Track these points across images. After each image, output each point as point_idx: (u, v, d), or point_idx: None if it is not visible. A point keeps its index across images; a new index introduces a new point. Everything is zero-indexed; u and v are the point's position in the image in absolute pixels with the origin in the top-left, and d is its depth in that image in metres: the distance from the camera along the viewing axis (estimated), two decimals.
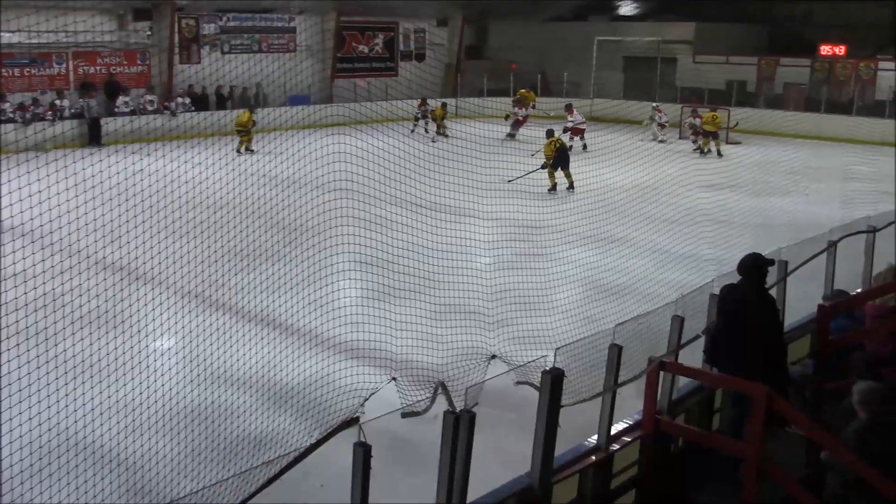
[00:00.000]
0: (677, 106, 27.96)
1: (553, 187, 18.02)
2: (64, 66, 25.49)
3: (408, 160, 10.82)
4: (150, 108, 25.85)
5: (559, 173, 18.09)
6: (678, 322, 6.02)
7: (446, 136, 24.69)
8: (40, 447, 6.05)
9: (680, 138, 26.27)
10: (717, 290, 6.71)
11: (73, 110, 24.39)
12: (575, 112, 24.66)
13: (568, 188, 17.98)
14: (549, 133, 18.76)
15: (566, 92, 30.70)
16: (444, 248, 10.01)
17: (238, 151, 21.59)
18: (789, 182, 19.35)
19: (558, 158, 18.06)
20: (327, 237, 8.92)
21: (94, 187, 7.87)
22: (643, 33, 32.58)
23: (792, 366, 6.47)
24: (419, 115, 26.28)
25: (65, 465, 5.70)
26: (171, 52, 27.30)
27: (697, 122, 25.03)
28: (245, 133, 22.54)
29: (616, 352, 5.40)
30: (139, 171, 9.22)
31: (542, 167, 18.05)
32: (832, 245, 8.20)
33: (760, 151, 23.65)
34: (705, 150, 24.00)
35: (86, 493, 5.56)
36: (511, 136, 25.61)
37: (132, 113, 25.14)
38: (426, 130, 25.60)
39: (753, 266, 6.16)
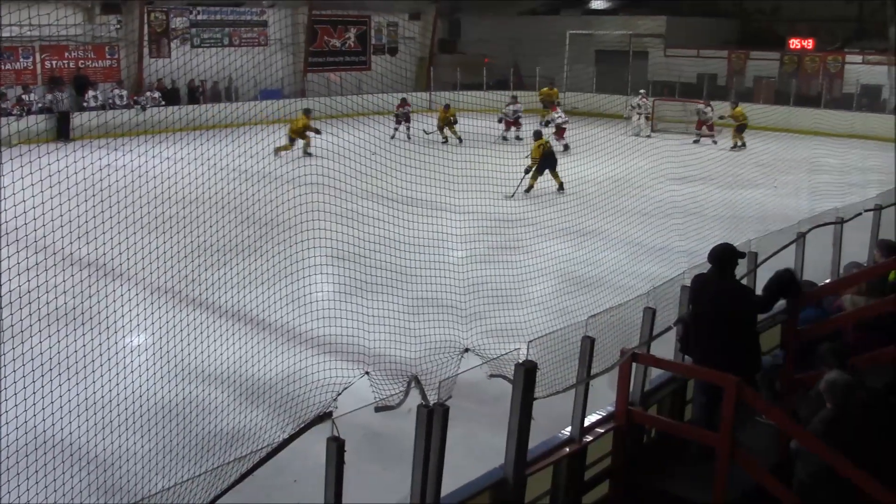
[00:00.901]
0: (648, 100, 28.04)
1: (530, 187, 17.48)
2: (31, 59, 25.12)
3: (381, 154, 10.80)
4: (119, 103, 25.56)
5: (545, 176, 17.62)
6: (650, 314, 6.05)
7: (459, 139, 23.40)
8: (7, 446, 5.98)
9: (654, 131, 26.40)
10: (688, 282, 6.75)
11: (40, 104, 24.08)
12: (559, 109, 24.16)
13: (558, 189, 17.59)
14: (538, 134, 18.14)
15: (538, 85, 30.75)
16: (418, 242, 9.99)
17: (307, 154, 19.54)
18: (759, 174, 19.54)
19: (545, 161, 17.59)
20: (300, 231, 8.87)
21: (62, 182, 7.76)
22: (615, 27, 32.69)
23: (762, 356, 6.53)
24: (400, 118, 24.61)
25: (34, 464, 5.63)
26: (140, 46, 27.01)
27: (709, 111, 24.90)
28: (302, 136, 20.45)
29: (589, 344, 5.43)
30: (108, 165, 9.11)
31: (526, 171, 17.42)
32: (801, 236, 8.29)
33: (731, 144, 23.86)
34: (738, 143, 23.94)
35: (55, 491, 5.50)
36: (566, 147, 22.06)
37: (101, 107, 24.85)
38: (408, 136, 24.00)
39: (722, 256, 6.21)
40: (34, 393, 5.92)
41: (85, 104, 24.93)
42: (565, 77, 31.31)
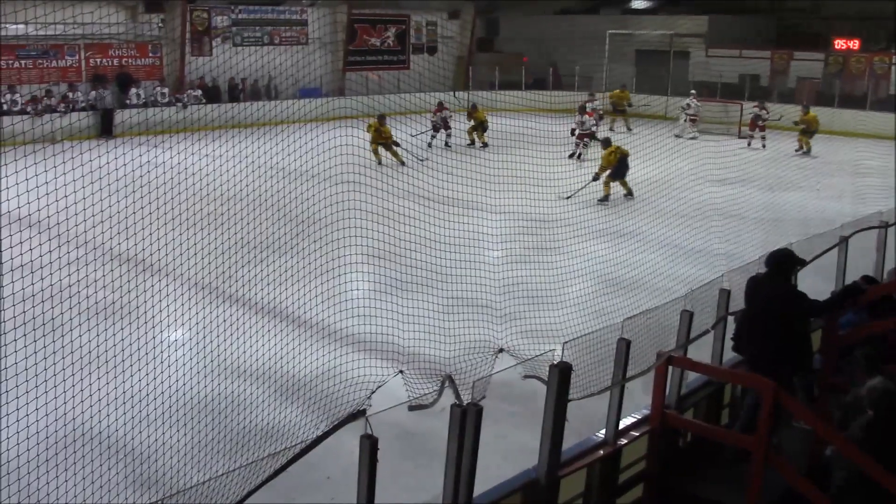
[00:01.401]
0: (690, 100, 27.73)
1: (605, 197, 16.83)
2: (76, 57, 25.56)
3: (417, 153, 10.80)
4: (161, 101, 25.90)
5: (615, 183, 16.97)
6: (687, 317, 5.99)
7: (485, 144, 22.69)
8: (47, 437, 6.07)
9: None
10: (726, 285, 6.68)
11: (84, 102, 24.47)
12: (588, 114, 22.54)
13: (626, 195, 17.07)
14: (607, 142, 17.50)
15: (577, 86, 30.60)
16: (454, 242, 9.98)
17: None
18: (801, 177, 19.23)
19: (619, 168, 16.93)
20: (337, 229, 8.90)
21: (104, 178, 7.88)
22: (655, 26, 32.41)
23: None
24: (437, 125, 23.13)
25: (72, 456, 5.71)
26: (182, 45, 27.33)
27: (764, 114, 24.58)
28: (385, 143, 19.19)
29: (624, 346, 5.38)
30: (149, 162, 9.23)
31: (595, 178, 16.76)
32: (844, 240, 8.15)
33: (772, 146, 23.54)
34: (805, 148, 23.49)
35: (93, 483, 5.57)
36: (572, 155, 21.61)
37: (144, 105, 25.19)
38: (447, 144, 22.55)
39: (780, 260, 6.20)
40: (74, 386, 6.00)
41: (128, 101, 25.31)
42: (605, 77, 31.10)
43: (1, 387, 5.98)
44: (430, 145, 21.74)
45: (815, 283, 7.77)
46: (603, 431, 5.57)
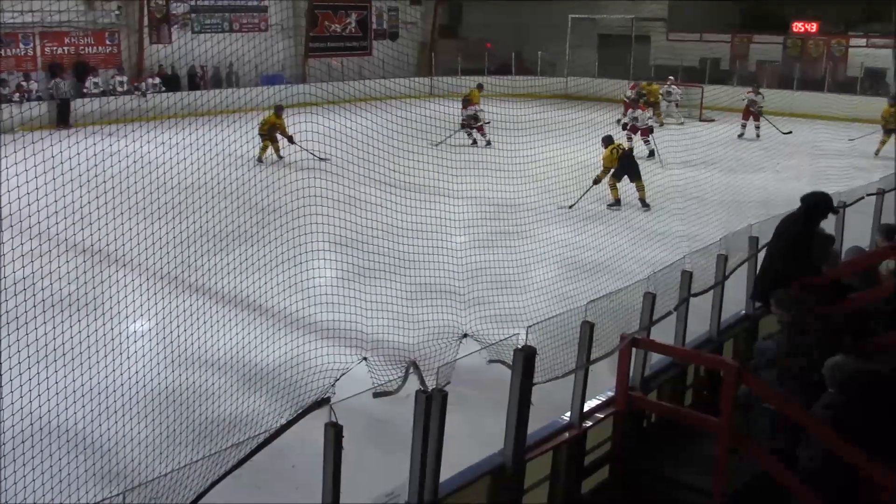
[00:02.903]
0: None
1: (616, 202, 15.27)
2: (31, 46, 25.04)
3: (381, 140, 10.75)
4: (120, 90, 25.49)
5: (623, 184, 15.41)
6: (650, 299, 6.02)
7: (488, 143, 21.06)
8: (3, 432, 5.96)
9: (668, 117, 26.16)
10: (688, 267, 6.73)
11: (40, 92, 24.02)
12: (641, 108, 21.20)
13: (641, 206, 15.11)
14: (608, 140, 15.65)
15: (541, 71, 30.64)
16: (419, 228, 9.96)
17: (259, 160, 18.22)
18: (762, 158, 19.46)
19: (624, 167, 15.25)
20: (299, 217, 8.84)
21: (61, 167, 7.74)
22: (617, 11, 32.52)
23: (763, 341, 6.50)
24: (468, 123, 21.44)
25: (30, 450, 5.62)
26: (140, 32, 26.92)
27: (759, 99, 23.08)
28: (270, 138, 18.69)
29: (588, 329, 5.39)
30: (107, 150, 9.08)
31: (596, 182, 15.26)
32: None
33: (734, 129, 23.76)
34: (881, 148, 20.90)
35: (53, 476, 5.49)
36: (652, 154, 19.41)
37: (102, 94, 24.78)
38: (487, 142, 20.93)
39: (807, 204, 6.38)
40: (30, 379, 5.90)
41: (85, 90, 24.86)
42: (567, 62, 31.18)
43: None
44: (474, 143, 20.96)
45: None
46: (568, 414, 5.59)
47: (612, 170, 15.19)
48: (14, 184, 6.90)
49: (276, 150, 18.57)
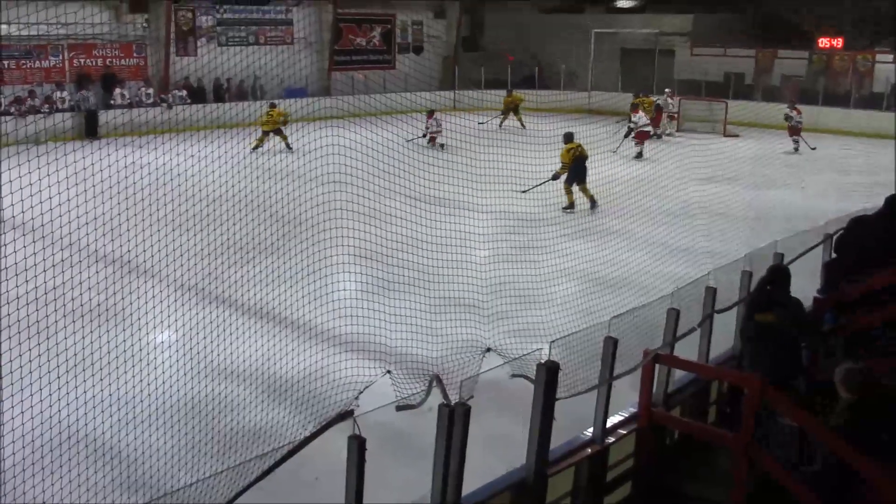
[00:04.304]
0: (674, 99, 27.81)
1: (570, 205, 15.54)
2: (60, 58, 25.40)
3: (405, 153, 10.80)
4: (146, 101, 25.78)
5: (575, 188, 15.69)
6: (673, 315, 6.02)
7: (522, 125, 25.14)
8: (32, 441, 6.03)
9: (679, 130, 26.12)
10: (712, 283, 6.72)
11: (70, 103, 24.34)
12: (640, 112, 22.27)
13: (591, 206, 15.55)
14: (569, 137, 15.84)
15: (563, 84, 30.65)
16: (442, 242, 9.98)
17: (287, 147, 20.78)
18: (786, 174, 19.34)
19: (574, 170, 15.46)
20: (324, 230, 8.90)
21: (89, 179, 7.84)
22: (640, 25, 32.50)
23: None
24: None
25: (58, 459, 5.69)
26: (167, 45, 27.21)
27: (795, 115, 23.10)
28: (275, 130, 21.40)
29: (611, 344, 5.40)
30: (134, 163, 9.20)
31: (554, 177, 15.47)
32: (828, 237, 8.20)
33: (758, 144, 23.64)
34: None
35: (80, 486, 5.55)
36: (639, 156, 21.34)
37: (129, 105, 25.06)
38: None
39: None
40: (59, 389, 5.97)
41: (112, 102, 25.16)
42: (590, 75, 31.16)
43: None
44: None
45: (798, 281, 7.81)
46: (591, 430, 5.59)
47: (567, 169, 15.45)
48: (43, 195, 7.00)
49: (284, 139, 20.87)
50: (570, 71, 31.31)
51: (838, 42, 30.40)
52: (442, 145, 21.37)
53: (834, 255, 6.54)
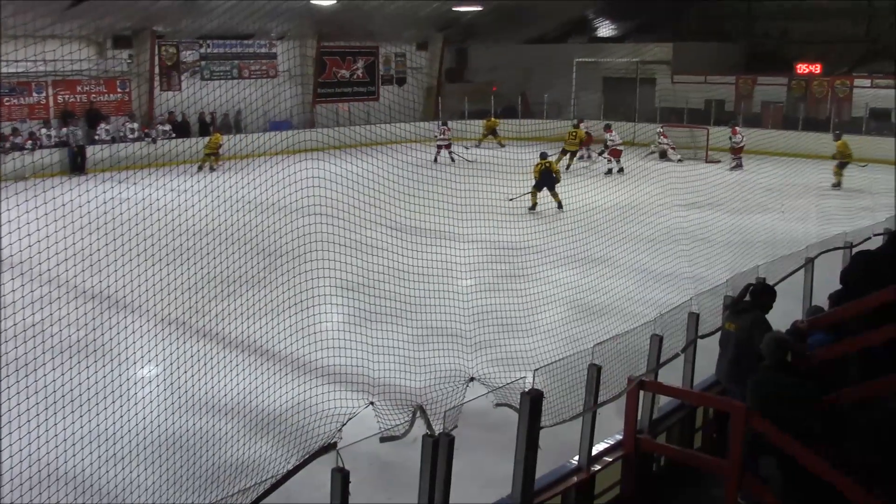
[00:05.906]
0: (656, 126, 28.05)
1: (533, 206, 18.98)
2: (43, 94, 25.40)
3: (387, 184, 10.83)
4: (131, 136, 25.77)
5: (544, 194, 18.98)
6: (657, 341, 6.02)
7: (501, 144, 26.98)
8: (11, 479, 5.95)
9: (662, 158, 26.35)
10: (695, 309, 6.73)
11: (55, 139, 24.30)
12: (613, 132, 25.13)
13: (557, 208, 18.68)
14: (543, 155, 19.51)
15: (546, 113, 30.87)
16: (425, 272, 9.98)
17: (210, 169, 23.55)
18: (768, 199, 19.48)
19: (543, 180, 19.00)
20: (307, 261, 8.87)
21: (70, 214, 7.81)
22: (622, 54, 32.83)
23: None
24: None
25: (38, 497, 5.61)
26: (151, 80, 27.28)
27: (733, 136, 25.24)
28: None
29: (595, 372, 5.40)
30: (117, 196, 9.17)
31: (534, 187, 19.00)
32: (809, 262, 8.25)
33: (739, 169, 23.83)
34: (838, 181, 22.07)
35: None
36: (620, 170, 24.49)
37: (113, 140, 25.05)
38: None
39: None
40: (38, 426, 5.91)
41: (96, 137, 25.14)
42: (573, 105, 31.40)
43: None
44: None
45: (782, 304, 7.84)
46: (576, 458, 5.56)
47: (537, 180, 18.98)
48: (25, 230, 6.97)
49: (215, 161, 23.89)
50: (552, 100, 31.54)
51: (817, 68, 30.81)
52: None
53: (840, 287, 6.59)
